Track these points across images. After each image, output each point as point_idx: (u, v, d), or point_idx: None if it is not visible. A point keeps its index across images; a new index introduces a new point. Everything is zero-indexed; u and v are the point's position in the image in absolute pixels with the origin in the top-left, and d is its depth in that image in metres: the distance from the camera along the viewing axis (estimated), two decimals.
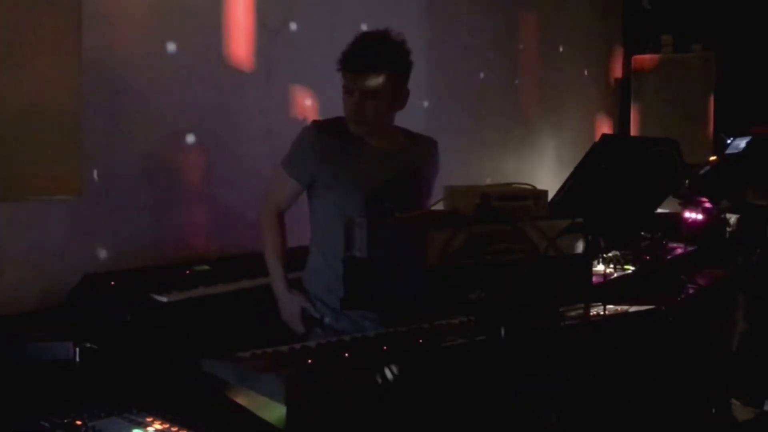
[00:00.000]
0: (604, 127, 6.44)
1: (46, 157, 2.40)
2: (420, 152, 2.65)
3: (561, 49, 5.93)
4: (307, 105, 3.78)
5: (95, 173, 2.88)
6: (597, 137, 3.19)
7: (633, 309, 2.67)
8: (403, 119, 2.63)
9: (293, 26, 3.70)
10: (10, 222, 2.71)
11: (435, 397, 1.90)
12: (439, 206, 1.98)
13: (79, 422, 1.71)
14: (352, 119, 2.49)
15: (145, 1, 3.11)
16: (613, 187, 2.76)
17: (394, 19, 4.28)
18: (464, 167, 4.73)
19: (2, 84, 2.13)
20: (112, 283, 2.78)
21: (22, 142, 2.23)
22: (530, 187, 2.03)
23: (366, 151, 2.53)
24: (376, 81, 2.42)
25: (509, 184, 2.08)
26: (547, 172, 5.53)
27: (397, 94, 2.50)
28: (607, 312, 2.45)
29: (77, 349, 2.23)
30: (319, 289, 2.58)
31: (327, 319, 2.56)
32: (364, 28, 4.02)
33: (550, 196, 2.32)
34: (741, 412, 4.17)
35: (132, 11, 3.06)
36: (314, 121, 2.64)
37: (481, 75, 5.06)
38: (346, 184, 2.50)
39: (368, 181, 2.50)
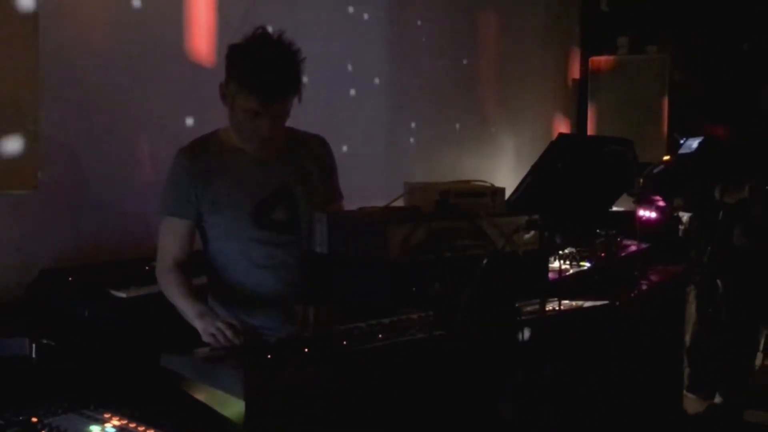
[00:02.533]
0: (562, 126, 6.53)
1: (1, 152, 2.37)
2: (307, 152, 2.44)
3: (520, 50, 5.99)
4: None
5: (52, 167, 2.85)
6: (554, 136, 3.24)
7: (588, 304, 2.73)
8: (359, 116, 2.60)
9: (255, 21, 3.68)
10: None
11: (394, 391, 1.92)
12: (400, 202, 2.01)
13: (35, 419, 1.69)
14: (259, 140, 2.29)
15: None
16: (569, 185, 2.82)
17: (354, 16, 4.33)
18: (424, 164, 4.77)
19: None
20: (70, 278, 2.74)
21: None
22: (488, 184, 2.07)
23: (246, 162, 2.34)
24: (290, 102, 2.26)
25: (468, 182, 2.12)
26: (505, 170, 5.59)
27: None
28: (562, 307, 2.49)
29: (34, 346, 2.21)
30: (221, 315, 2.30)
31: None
32: (324, 17, 4.04)
33: (508, 193, 2.37)
34: (692, 404, 4.27)
35: (92, 6, 3.03)
36: (181, 149, 2.37)
37: (441, 75, 5.10)
38: (231, 201, 2.31)
39: (255, 193, 2.32)
